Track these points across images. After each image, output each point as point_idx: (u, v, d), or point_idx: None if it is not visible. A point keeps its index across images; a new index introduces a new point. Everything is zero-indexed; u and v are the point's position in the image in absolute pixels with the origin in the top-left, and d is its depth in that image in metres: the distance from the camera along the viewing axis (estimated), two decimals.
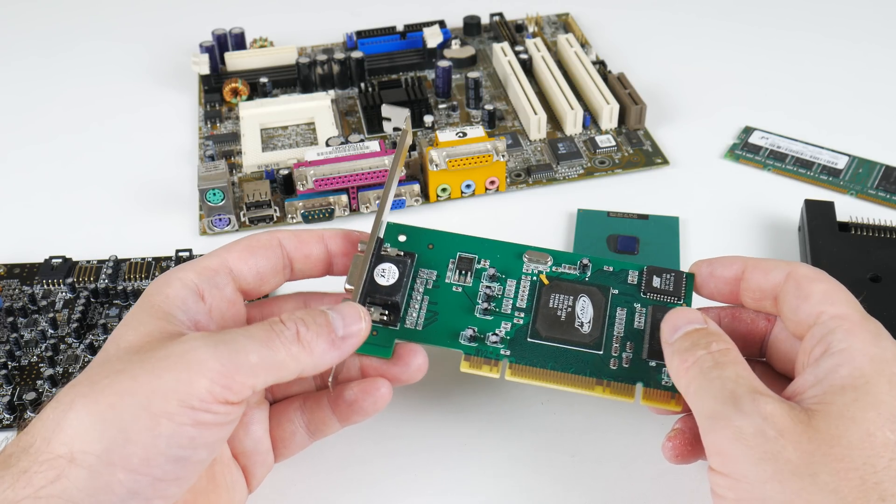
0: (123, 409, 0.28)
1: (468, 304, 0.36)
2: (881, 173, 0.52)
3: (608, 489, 0.36)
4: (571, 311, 0.36)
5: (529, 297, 0.36)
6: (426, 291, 0.37)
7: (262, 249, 0.35)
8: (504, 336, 0.35)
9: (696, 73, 0.63)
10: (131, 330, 0.31)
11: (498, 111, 0.58)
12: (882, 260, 0.43)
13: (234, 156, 0.56)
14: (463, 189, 0.51)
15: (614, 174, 0.53)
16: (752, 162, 0.54)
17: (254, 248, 0.35)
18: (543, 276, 0.37)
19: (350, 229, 0.37)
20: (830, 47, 0.65)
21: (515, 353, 0.35)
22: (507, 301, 0.36)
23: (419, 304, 0.36)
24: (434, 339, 0.36)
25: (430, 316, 0.36)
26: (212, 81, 0.61)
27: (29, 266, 0.48)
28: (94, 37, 0.71)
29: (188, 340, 0.29)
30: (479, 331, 0.36)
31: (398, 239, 0.38)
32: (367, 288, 0.36)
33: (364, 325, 0.32)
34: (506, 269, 0.37)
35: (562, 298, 0.36)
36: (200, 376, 0.28)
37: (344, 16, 0.71)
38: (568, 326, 0.35)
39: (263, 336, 0.30)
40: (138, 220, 0.52)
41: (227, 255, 0.35)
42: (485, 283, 0.37)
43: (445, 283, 0.37)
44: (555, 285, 0.36)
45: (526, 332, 0.35)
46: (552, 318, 0.36)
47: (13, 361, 0.42)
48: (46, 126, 0.60)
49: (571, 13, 0.70)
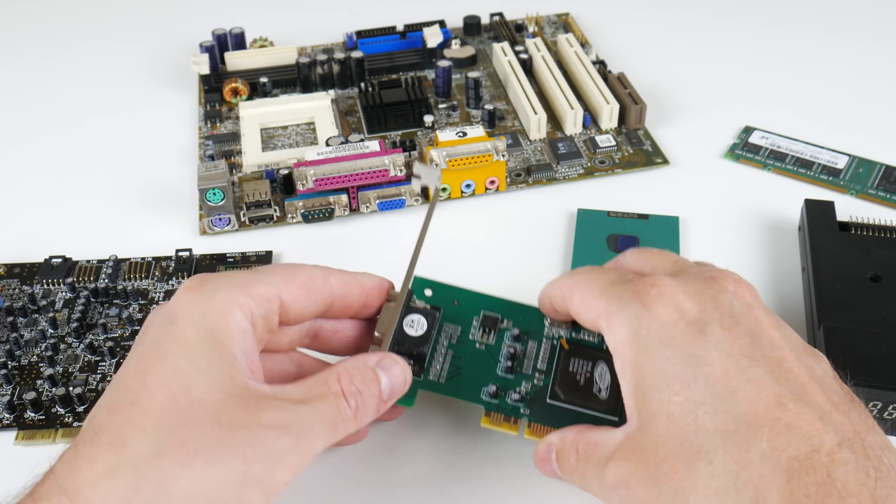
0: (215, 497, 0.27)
1: (490, 361, 0.37)
2: (881, 173, 0.52)
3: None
4: (590, 377, 0.36)
5: (550, 359, 0.37)
6: (450, 346, 0.37)
7: (316, 294, 0.34)
8: (524, 395, 0.36)
9: (696, 73, 0.63)
10: (202, 375, 0.29)
11: (498, 111, 0.58)
12: (882, 260, 0.43)
13: (234, 155, 0.56)
14: (463, 189, 0.51)
15: (614, 174, 0.53)
16: (753, 162, 0.54)
17: (310, 290, 0.33)
18: (564, 340, 0.38)
19: (384, 279, 0.37)
20: (831, 47, 0.65)
21: (535, 412, 0.36)
22: (528, 362, 0.37)
23: (443, 357, 0.37)
24: (456, 392, 0.36)
25: (454, 370, 0.37)
26: (212, 81, 0.61)
27: (29, 266, 0.48)
28: (94, 37, 0.71)
29: (270, 425, 0.28)
30: (500, 388, 0.36)
31: (424, 293, 0.39)
32: (397, 337, 0.37)
33: (407, 387, 0.33)
34: (528, 330, 0.38)
35: (581, 363, 0.37)
36: (282, 469, 0.28)
37: (344, 16, 0.71)
38: (586, 391, 0.36)
39: (330, 419, 0.30)
40: (138, 220, 0.52)
41: (283, 287, 0.32)
42: (507, 343, 0.38)
43: (469, 340, 0.38)
44: (574, 350, 0.37)
45: (545, 394, 0.36)
46: (571, 382, 0.36)
47: (13, 361, 0.42)
48: (46, 126, 0.60)
49: (571, 13, 0.70)
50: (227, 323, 0.30)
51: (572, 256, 0.47)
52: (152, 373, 0.29)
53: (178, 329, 0.30)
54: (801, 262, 0.46)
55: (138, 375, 0.29)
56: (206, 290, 0.31)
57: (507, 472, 0.37)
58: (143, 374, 0.29)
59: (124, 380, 0.29)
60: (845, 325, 0.39)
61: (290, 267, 0.34)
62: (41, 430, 0.39)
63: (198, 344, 0.29)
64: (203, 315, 0.30)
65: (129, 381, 0.29)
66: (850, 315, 0.40)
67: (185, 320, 0.30)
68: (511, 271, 0.47)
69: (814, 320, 0.41)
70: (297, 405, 0.29)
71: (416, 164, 0.38)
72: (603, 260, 0.46)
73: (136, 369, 0.29)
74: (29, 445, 0.39)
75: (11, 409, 0.40)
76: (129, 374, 0.29)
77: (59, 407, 0.40)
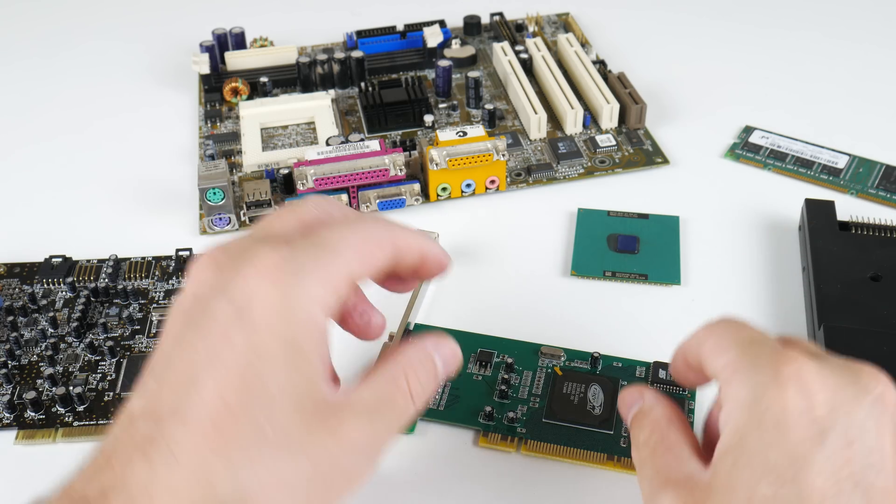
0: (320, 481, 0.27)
1: (487, 389, 0.40)
2: (881, 173, 0.52)
3: None
4: (584, 397, 0.39)
5: (544, 386, 0.40)
6: (449, 379, 0.39)
7: (380, 261, 0.31)
8: (520, 416, 0.38)
9: (696, 73, 0.63)
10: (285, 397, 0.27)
11: (498, 111, 0.58)
12: (882, 259, 0.43)
13: (234, 155, 0.56)
14: (463, 188, 0.51)
15: (614, 173, 0.53)
16: (753, 161, 0.54)
17: (376, 258, 0.31)
18: (557, 368, 0.40)
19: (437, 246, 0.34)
20: (831, 47, 0.65)
21: (531, 431, 0.38)
22: (523, 388, 0.39)
23: (442, 389, 0.39)
24: (454, 417, 0.38)
25: (452, 399, 0.39)
26: (212, 81, 0.61)
27: (29, 265, 0.48)
28: (94, 37, 0.71)
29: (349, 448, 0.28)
30: (496, 411, 0.38)
31: None
32: None
33: (459, 364, 0.32)
34: (522, 362, 0.41)
35: (575, 386, 0.39)
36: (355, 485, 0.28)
37: (344, 15, 0.71)
38: (580, 409, 0.38)
39: (400, 424, 0.30)
40: (138, 220, 0.52)
41: (355, 264, 0.30)
42: (503, 373, 0.40)
43: (467, 373, 0.40)
44: (568, 375, 0.40)
45: (541, 414, 0.38)
46: (566, 402, 0.38)
47: (13, 360, 0.42)
48: (47, 125, 0.60)
49: (571, 13, 0.70)
50: (310, 331, 0.28)
51: (572, 256, 0.47)
52: (233, 389, 0.27)
53: (261, 340, 0.27)
54: (802, 262, 0.46)
55: (217, 388, 0.27)
56: (288, 282, 0.28)
57: (505, 486, 0.37)
58: (223, 388, 0.27)
59: (196, 386, 0.27)
60: (845, 325, 0.39)
61: (360, 231, 0.30)
62: (41, 429, 0.39)
63: (283, 360, 0.27)
64: (288, 324, 0.28)
65: (204, 393, 0.26)
66: (850, 315, 0.40)
67: (268, 329, 0.27)
68: (511, 271, 0.47)
69: (814, 320, 0.41)
70: (373, 417, 0.28)
71: None
72: (603, 260, 0.46)
73: (214, 381, 0.27)
74: (29, 445, 0.39)
75: (11, 408, 0.40)
76: (203, 383, 0.27)
77: (60, 406, 0.40)
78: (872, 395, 0.28)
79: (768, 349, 0.29)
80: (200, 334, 0.28)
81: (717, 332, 0.31)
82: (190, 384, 0.27)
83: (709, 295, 0.45)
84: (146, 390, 0.27)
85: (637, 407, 0.33)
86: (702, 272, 0.46)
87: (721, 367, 0.30)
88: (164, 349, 0.28)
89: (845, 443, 0.27)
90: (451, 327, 0.43)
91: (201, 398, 0.26)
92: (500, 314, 0.44)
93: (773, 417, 0.28)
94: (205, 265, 0.29)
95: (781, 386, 0.28)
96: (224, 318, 0.27)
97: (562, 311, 0.44)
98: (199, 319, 0.28)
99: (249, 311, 0.27)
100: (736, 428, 0.28)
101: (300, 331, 0.28)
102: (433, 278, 0.35)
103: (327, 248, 0.29)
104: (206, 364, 0.27)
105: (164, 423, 0.26)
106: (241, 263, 0.28)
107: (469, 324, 0.43)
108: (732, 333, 0.31)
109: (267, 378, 0.27)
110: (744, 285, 0.45)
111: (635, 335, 0.43)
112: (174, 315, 0.29)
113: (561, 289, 0.46)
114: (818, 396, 0.28)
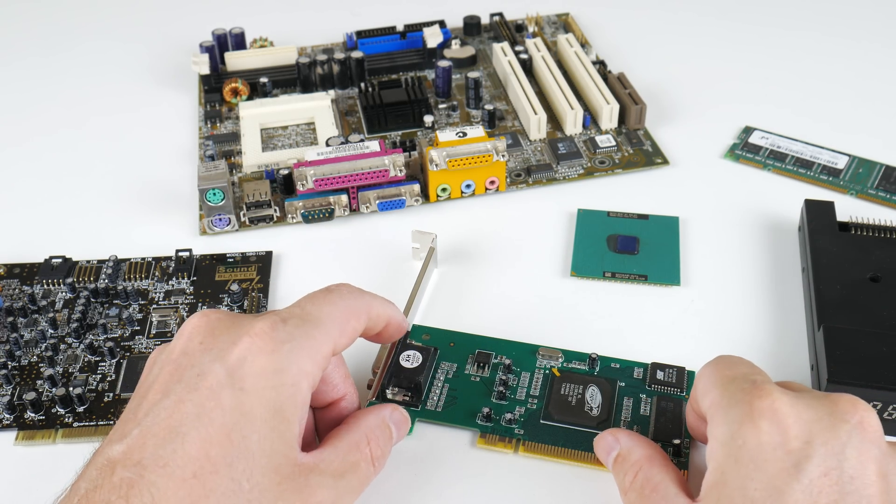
0: None
1: (485, 390, 0.40)
2: (881, 173, 0.52)
3: None
4: (581, 398, 0.39)
5: (542, 387, 0.39)
6: (447, 380, 0.40)
7: (357, 333, 0.34)
8: (518, 418, 0.38)
9: (696, 73, 0.63)
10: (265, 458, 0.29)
11: (498, 111, 0.58)
12: (882, 260, 0.43)
13: (234, 156, 0.56)
14: (463, 189, 0.51)
15: (614, 174, 0.53)
16: (753, 162, 0.54)
17: (355, 332, 0.34)
18: (555, 369, 0.40)
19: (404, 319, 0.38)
20: (831, 47, 0.65)
21: (528, 432, 0.38)
22: (521, 389, 0.39)
23: (440, 390, 0.40)
24: (452, 418, 0.38)
25: (450, 400, 0.39)
26: (212, 81, 0.61)
27: (29, 266, 0.48)
28: (95, 37, 0.71)
29: None
30: (494, 412, 0.38)
31: (422, 338, 0.42)
32: (393, 370, 0.39)
33: (407, 428, 0.36)
34: (520, 364, 0.41)
35: (572, 387, 0.39)
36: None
37: (344, 16, 0.71)
38: (578, 410, 0.38)
39: (361, 484, 0.33)
40: (138, 220, 0.52)
41: (338, 339, 0.33)
42: (500, 374, 0.40)
43: (465, 374, 0.40)
44: (566, 376, 0.40)
45: (539, 415, 0.38)
46: (563, 403, 0.38)
47: (13, 361, 0.42)
48: (47, 125, 0.60)
49: (571, 13, 0.70)
50: (295, 400, 0.30)
51: (572, 256, 0.47)
52: (218, 445, 0.28)
53: (249, 402, 0.29)
54: (801, 262, 0.46)
55: (202, 443, 0.28)
56: (281, 356, 0.30)
57: (504, 486, 0.37)
58: (209, 443, 0.28)
59: (181, 438, 0.28)
60: (845, 325, 0.39)
61: (340, 303, 0.33)
62: (41, 430, 0.39)
63: (266, 423, 0.29)
64: (276, 392, 0.30)
65: (188, 446, 0.28)
66: (850, 315, 0.40)
67: (257, 395, 0.29)
68: (510, 272, 0.47)
69: (814, 320, 0.41)
70: (338, 480, 0.31)
71: (414, 232, 0.43)
72: (603, 260, 0.46)
73: (201, 436, 0.28)
74: (29, 446, 0.39)
75: (11, 409, 0.40)
76: (189, 437, 0.28)
77: (59, 407, 0.40)
78: (850, 424, 0.29)
79: (747, 385, 0.30)
80: (189, 390, 0.29)
81: (705, 374, 0.33)
82: (175, 436, 0.28)
83: (708, 296, 0.45)
84: (129, 437, 0.29)
85: (616, 452, 0.34)
86: (701, 273, 0.46)
87: (707, 407, 0.31)
88: (149, 399, 0.30)
89: (822, 472, 0.28)
90: (449, 328, 0.43)
91: (185, 451, 0.28)
92: (499, 315, 0.44)
93: (749, 453, 0.29)
94: (200, 325, 0.32)
95: (755, 420, 0.29)
96: (215, 379, 0.29)
97: (561, 312, 0.44)
98: (190, 376, 0.30)
99: (241, 375, 0.30)
100: (717, 464, 0.29)
101: (286, 400, 0.30)
102: (390, 342, 0.39)
103: (314, 321, 0.32)
104: (194, 419, 0.28)
105: (146, 469, 0.27)
106: (236, 329, 0.31)
107: (468, 324, 0.43)
108: (718, 373, 0.32)
109: (250, 439, 0.29)
110: (743, 286, 0.45)
111: (635, 336, 0.43)
112: (162, 367, 0.31)
113: (560, 289, 0.46)
114: (792, 430, 0.29)
